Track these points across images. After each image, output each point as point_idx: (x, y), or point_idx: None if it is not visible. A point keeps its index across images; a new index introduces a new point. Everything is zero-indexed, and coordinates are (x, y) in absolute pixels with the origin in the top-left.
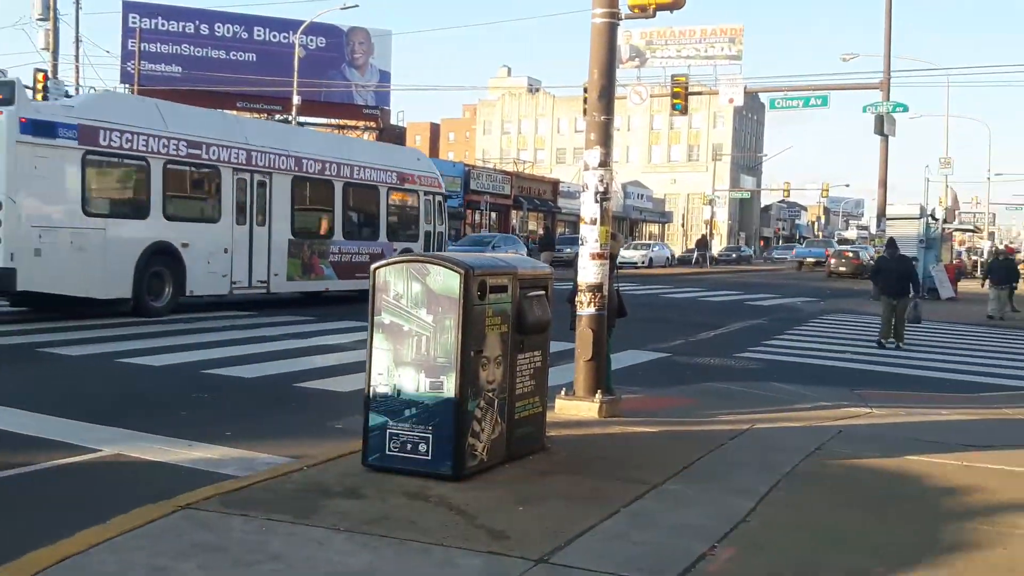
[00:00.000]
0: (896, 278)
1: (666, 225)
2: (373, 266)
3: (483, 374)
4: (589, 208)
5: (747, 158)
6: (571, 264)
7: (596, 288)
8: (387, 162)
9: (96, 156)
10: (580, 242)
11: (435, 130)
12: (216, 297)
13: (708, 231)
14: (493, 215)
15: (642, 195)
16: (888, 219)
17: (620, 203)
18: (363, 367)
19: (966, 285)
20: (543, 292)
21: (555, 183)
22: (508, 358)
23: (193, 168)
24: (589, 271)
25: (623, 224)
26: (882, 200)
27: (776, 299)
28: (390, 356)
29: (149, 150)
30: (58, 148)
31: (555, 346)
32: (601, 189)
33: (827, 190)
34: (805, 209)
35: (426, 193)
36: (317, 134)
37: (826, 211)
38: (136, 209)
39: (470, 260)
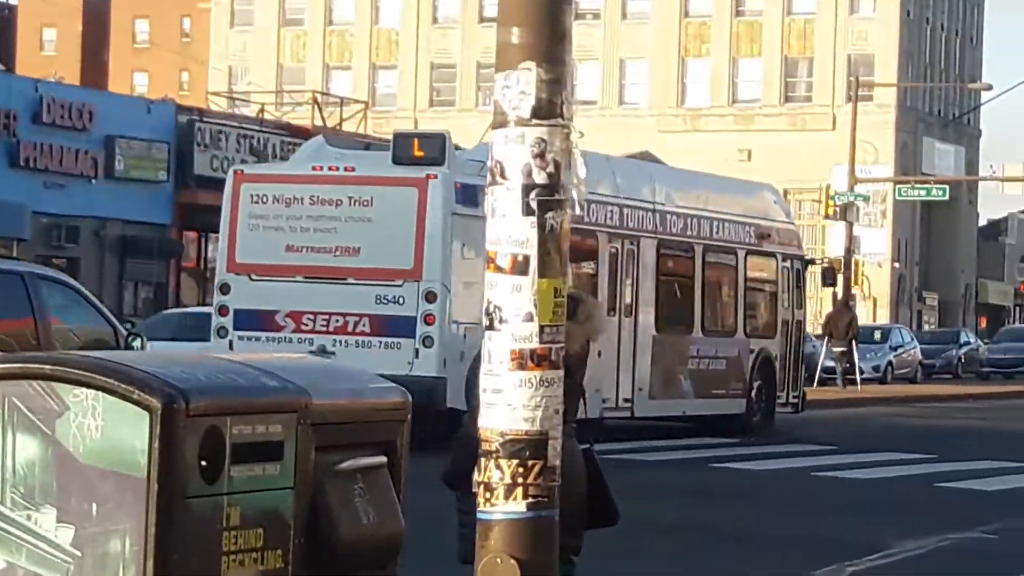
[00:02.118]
0: None
1: None
2: None
3: None
4: (511, 227)
5: (939, 95)
6: None
7: (531, 445)
8: (742, 208)
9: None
10: (485, 318)
11: (97, 15)
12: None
13: (845, 287)
14: None
15: None
16: None
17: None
18: None
19: None
20: (382, 459)
21: None
22: None
23: (573, 232)
24: (512, 398)
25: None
26: None
27: None
28: None
29: None
30: (478, 219)
31: None
32: (541, 179)
33: None
34: None
35: (784, 258)
36: (662, 168)
37: None
38: None
39: (177, 371)
